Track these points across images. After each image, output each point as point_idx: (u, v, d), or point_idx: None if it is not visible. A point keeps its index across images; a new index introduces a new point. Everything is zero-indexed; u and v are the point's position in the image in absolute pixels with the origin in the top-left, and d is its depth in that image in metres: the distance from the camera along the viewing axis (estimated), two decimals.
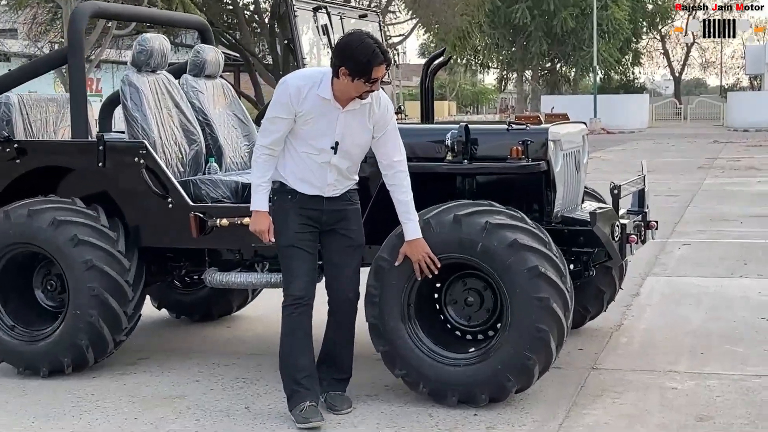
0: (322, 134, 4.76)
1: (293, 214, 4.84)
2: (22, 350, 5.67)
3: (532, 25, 47.83)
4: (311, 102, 4.71)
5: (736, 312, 7.03)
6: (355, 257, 4.98)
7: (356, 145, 4.85)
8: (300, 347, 4.88)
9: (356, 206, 5.01)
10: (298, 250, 4.84)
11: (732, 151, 27.96)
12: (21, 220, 5.59)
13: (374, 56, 4.58)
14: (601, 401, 5.06)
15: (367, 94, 4.70)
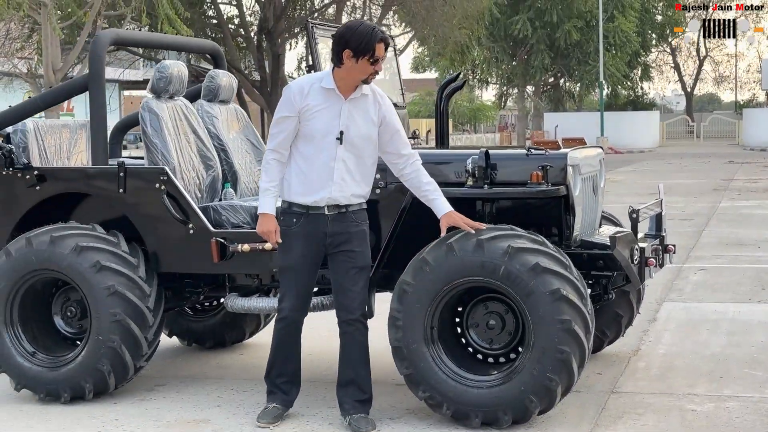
0: (327, 125, 5.34)
1: (297, 238, 5.42)
2: (43, 376, 6.15)
3: (534, 38, 48.31)
4: (315, 95, 5.33)
5: (755, 337, 7.55)
6: (360, 278, 5.50)
7: (361, 136, 5.40)
8: (285, 358, 5.59)
9: (361, 228, 5.51)
10: (296, 273, 5.45)
11: (748, 171, 28.61)
12: (43, 247, 6.08)
13: (375, 33, 5.27)
14: (622, 423, 5.57)
15: (372, 77, 5.31)
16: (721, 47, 74.22)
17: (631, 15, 49.29)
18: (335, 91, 5.34)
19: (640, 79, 58.40)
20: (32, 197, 6.39)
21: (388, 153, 5.55)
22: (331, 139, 5.34)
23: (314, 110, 5.33)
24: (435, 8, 26.75)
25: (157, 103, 6.44)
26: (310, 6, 31.07)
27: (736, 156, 39.26)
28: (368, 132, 5.43)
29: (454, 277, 5.44)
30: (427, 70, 57.69)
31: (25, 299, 6.25)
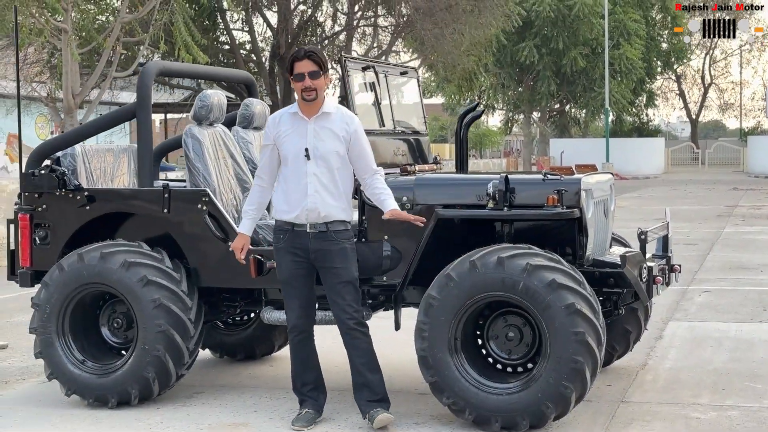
0: (296, 146, 5.93)
1: (285, 253, 6.04)
2: (91, 383, 6.62)
3: (540, 65, 48.83)
4: (285, 122, 6.02)
5: (756, 353, 8.01)
6: (347, 291, 6.01)
7: (328, 151, 5.94)
8: (304, 366, 6.15)
9: (342, 246, 6.03)
10: (291, 287, 6.07)
11: (753, 198, 29.09)
12: (94, 262, 6.58)
13: (292, 55, 5.95)
14: (632, 429, 6.03)
15: (307, 93, 5.87)
16: (725, 75, 74.91)
17: (636, 43, 49.79)
18: (299, 114, 5.96)
19: (645, 106, 58.96)
20: (82, 216, 6.89)
21: (355, 169, 6.09)
22: (301, 157, 5.94)
23: (284, 135, 5.99)
24: (444, 36, 27.28)
25: (198, 129, 6.95)
26: (321, 33, 31.63)
27: (741, 183, 39.76)
28: (335, 147, 5.97)
29: (477, 291, 5.93)
30: (434, 95, 58.16)
31: (75, 311, 6.74)
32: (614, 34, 48.66)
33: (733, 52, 73.12)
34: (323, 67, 5.90)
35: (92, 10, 23.02)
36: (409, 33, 28.27)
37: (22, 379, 7.66)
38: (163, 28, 21.45)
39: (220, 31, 30.23)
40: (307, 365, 6.17)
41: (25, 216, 6.96)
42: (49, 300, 6.68)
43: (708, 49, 70.50)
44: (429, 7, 26.36)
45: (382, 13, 31.27)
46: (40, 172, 6.95)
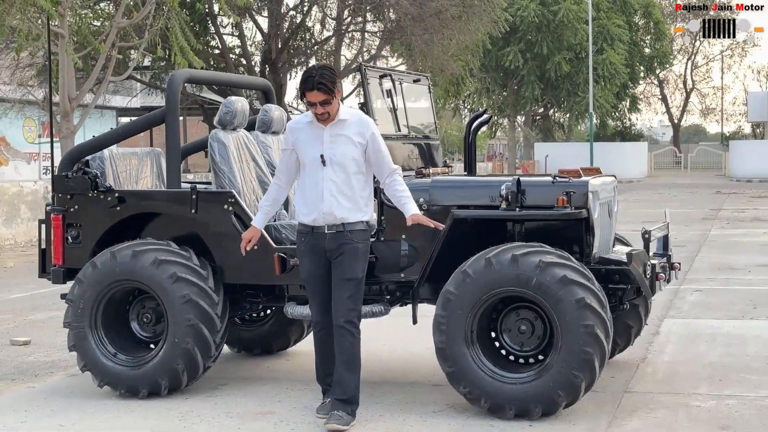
0: (312, 151, 6.22)
1: (306, 254, 6.37)
2: (124, 374, 6.98)
3: (525, 69, 49.28)
4: (304, 129, 6.31)
5: (749, 348, 8.43)
6: (346, 288, 6.26)
7: (344, 156, 6.21)
8: (326, 359, 6.46)
9: (355, 245, 6.29)
10: (311, 284, 6.41)
11: (736, 202, 29.62)
12: (126, 260, 6.93)
13: (303, 83, 6.18)
14: (637, 415, 6.43)
15: (321, 117, 6.18)
16: (707, 80, 75.71)
17: (619, 48, 50.33)
18: (315, 122, 6.25)
19: (629, 111, 59.55)
20: (113, 216, 7.25)
21: (374, 171, 6.39)
22: (317, 163, 6.24)
23: (302, 141, 6.30)
24: (434, 41, 27.67)
25: (223, 134, 7.32)
26: (310, 38, 31.99)
27: (723, 187, 40.34)
28: (350, 153, 6.23)
29: (492, 287, 6.32)
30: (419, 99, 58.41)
31: (107, 306, 7.09)
32: (598, 39, 49.17)
33: (715, 58, 73.95)
34: (333, 91, 6.12)
35: (88, 16, 23.29)
36: (400, 38, 28.60)
37: (50, 372, 8.00)
38: (159, 34, 21.79)
39: (211, 36, 30.55)
40: (327, 358, 6.47)
41: (57, 216, 7.32)
42: (83, 296, 7.03)
43: (690, 54, 71.24)
44: (419, 13, 26.73)
45: (370, 19, 31.64)
46: (73, 175, 7.29)
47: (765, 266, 13.92)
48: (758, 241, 17.53)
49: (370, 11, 30.42)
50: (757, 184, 43.37)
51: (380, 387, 7.22)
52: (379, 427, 6.27)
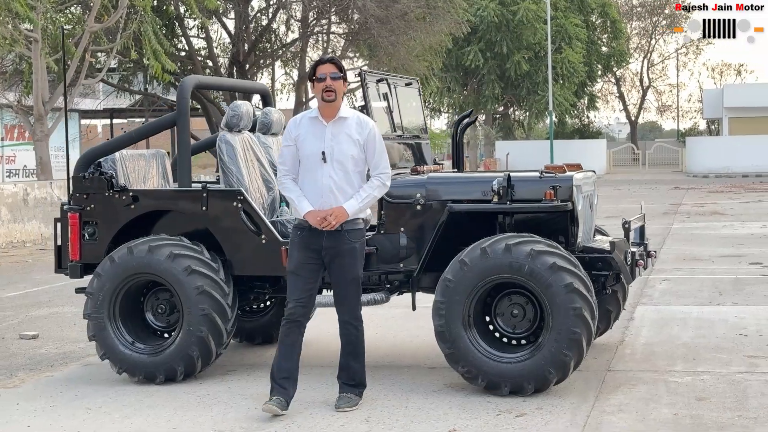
0: (314, 147, 6.48)
1: (299, 247, 6.62)
2: (141, 361, 7.46)
3: (485, 68, 49.95)
4: (305, 125, 6.60)
5: (718, 331, 9.05)
6: (350, 288, 6.67)
7: (344, 154, 6.48)
8: (285, 354, 6.60)
9: (353, 245, 6.59)
10: (297, 277, 6.61)
11: (694, 197, 30.43)
12: (142, 254, 7.42)
13: (318, 60, 6.61)
14: (620, 390, 7.01)
15: (327, 93, 6.43)
16: (663, 78, 76.96)
17: (577, 47, 51.18)
18: (318, 118, 6.58)
19: (587, 109, 60.46)
20: (128, 214, 7.73)
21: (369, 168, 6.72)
22: (318, 159, 6.52)
23: (304, 137, 6.58)
24: (400, 43, 28.25)
25: (230, 135, 7.83)
26: (275, 40, 32.46)
27: (681, 182, 41.24)
28: (350, 150, 6.51)
29: (487, 274, 6.87)
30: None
31: (125, 299, 7.57)
32: (556, 38, 49.99)
33: (670, 56, 75.18)
34: (343, 72, 6.57)
35: (60, 19, 23.62)
36: (366, 40, 29.15)
37: (64, 363, 8.46)
38: (132, 37, 22.19)
39: (177, 38, 30.93)
40: (289, 353, 6.60)
41: (74, 215, 7.79)
42: (102, 288, 7.51)
43: (646, 53, 72.39)
44: (385, 15, 27.30)
45: (335, 21, 32.16)
46: (90, 175, 7.77)
47: (727, 257, 14.60)
48: (719, 234, 18.25)
49: (335, 13, 30.95)
50: (714, 180, 44.36)
51: (380, 371, 7.74)
52: (386, 404, 6.80)
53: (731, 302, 10.57)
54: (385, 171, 6.68)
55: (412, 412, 6.62)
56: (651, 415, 6.40)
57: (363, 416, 6.53)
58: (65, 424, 6.54)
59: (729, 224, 20.32)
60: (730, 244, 16.33)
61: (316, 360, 8.11)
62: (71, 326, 10.20)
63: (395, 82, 8.20)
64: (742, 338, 8.69)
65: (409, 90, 8.55)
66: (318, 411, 6.68)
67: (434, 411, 6.61)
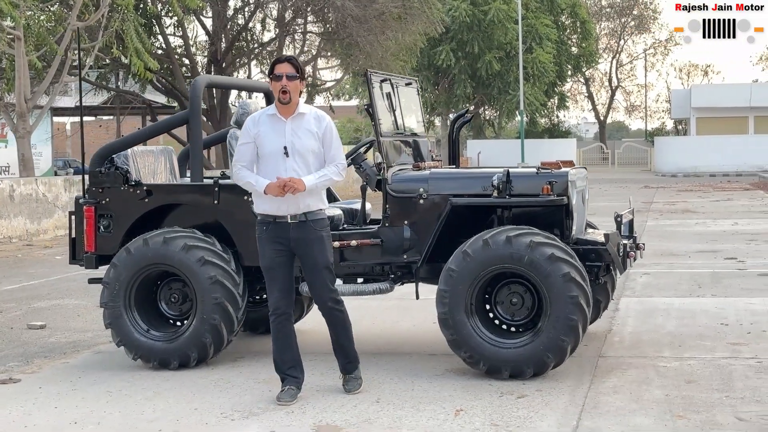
0: (275, 143, 6.67)
1: (267, 243, 6.89)
2: (156, 348, 7.81)
3: (457, 68, 50.48)
4: (264, 122, 6.81)
5: (700, 320, 9.52)
6: (323, 274, 6.92)
7: (305, 148, 6.69)
8: (282, 347, 6.93)
9: (320, 234, 6.83)
10: (272, 272, 6.84)
11: (665, 195, 31.04)
12: (158, 246, 7.78)
13: (275, 60, 6.86)
14: (614, 374, 7.44)
15: (283, 95, 6.64)
16: (632, 78, 77.84)
17: (548, 47, 51.83)
18: (277, 115, 6.83)
19: (557, 108, 61.11)
20: (142, 208, 8.09)
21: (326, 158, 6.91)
22: (280, 154, 6.70)
23: (264, 134, 6.82)
24: (378, 42, 28.66)
25: (240, 132, 8.18)
26: (252, 39, 32.78)
27: (650, 181, 41.94)
28: (310, 144, 6.73)
29: (489, 264, 7.28)
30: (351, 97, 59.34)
31: (140, 288, 7.93)
32: (527, 38, 50.63)
33: (639, 56, 76.02)
34: (300, 72, 6.81)
35: (41, 18, 23.84)
36: (345, 39, 29.52)
37: (76, 350, 8.80)
38: (114, 35, 22.46)
39: (155, 36, 31.20)
40: (286, 344, 6.92)
41: (90, 208, 8.14)
42: (118, 278, 7.86)
43: (615, 53, 73.18)
44: (363, 14, 27.69)
45: (312, 20, 32.53)
46: (106, 170, 8.12)
47: (703, 252, 15.13)
48: (692, 231, 18.79)
49: (312, 13, 31.31)
50: (682, 179, 45.15)
51: (382, 357, 8.15)
52: (393, 388, 7.20)
53: (710, 294, 11.05)
54: (342, 162, 6.90)
55: (418, 394, 7.01)
56: (644, 396, 6.83)
57: (373, 398, 6.92)
58: (91, 405, 6.89)
59: (701, 222, 20.89)
60: (704, 241, 16.87)
61: (321, 347, 8.48)
62: (75, 317, 10.53)
63: (397, 82, 8.59)
64: (723, 327, 9.15)
65: (409, 90, 8.94)
66: (330, 393, 7.06)
67: (440, 393, 7.01)
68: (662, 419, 6.27)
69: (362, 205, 8.44)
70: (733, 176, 46.82)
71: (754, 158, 49.48)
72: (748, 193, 31.83)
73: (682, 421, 6.23)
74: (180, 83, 30.31)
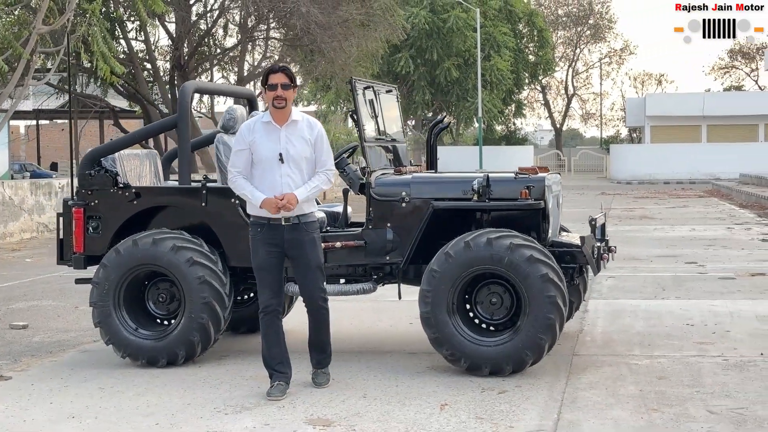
0: (270, 150, 6.98)
1: (261, 244, 7.18)
2: (144, 346, 8.02)
3: (416, 75, 50.80)
4: (258, 129, 7.13)
5: (666, 321, 9.87)
6: (315, 275, 7.27)
7: (299, 154, 7.02)
8: (272, 343, 7.20)
9: (312, 236, 7.18)
10: (265, 271, 7.17)
11: (622, 202, 31.56)
12: (147, 247, 7.99)
13: (269, 69, 7.19)
14: (588, 371, 7.75)
15: (278, 101, 6.95)
16: (587, 86, 78.69)
17: (506, 54, 52.34)
18: (272, 122, 7.14)
19: (514, 116, 61.67)
20: (130, 209, 8.29)
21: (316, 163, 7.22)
22: (275, 160, 7.03)
23: (259, 141, 7.11)
24: (342, 48, 28.92)
25: (227, 137, 8.43)
26: (214, 45, 32.92)
27: (607, 188, 42.57)
28: (303, 151, 7.06)
29: (470, 265, 7.57)
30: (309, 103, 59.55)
31: (128, 288, 8.13)
32: (485, 46, 51.10)
33: (594, 65, 76.89)
34: (293, 81, 7.11)
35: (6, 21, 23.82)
36: (308, 45, 29.74)
37: (62, 350, 8.97)
38: (80, 39, 22.51)
39: (117, 41, 31.24)
40: (275, 341, 7.20)
41: (79, 209, 8.33)
42: (108, 278, 8.06)
43: (571, 62, 73.98)
44: (327, 21, 27.94)
45: (274, 26, 32.71)
46: (95, 173, 8.31)
47: (663, 257, 15.54)
48: (652, 236, 19.23)
49: (274, 19, 31.50)
50: (637, 186, 45.84)
51: (364, 355, 8.41)
52: (377, 384, 7.45)
53: (674, 296, 11.42)
54: (332, 168, 7.26)
55: (403, 390, 7.28)
56: (619, 391, 7.15)
57: (359, 393, 7.18)
58: (85, 401, 7.08)
59: (660, 227, 21.35)
60: (664, 246, 17.29)
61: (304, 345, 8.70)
62: (56, 318, 10.69)
63: (378, 90, 8.86)
64: (689, 327, 9.50)
65: (389, 96, 9.21)
66: (317, 390, 7.31)
67: (423, 389, 7.28)
68: (638, 412, 6.58)
69: (344, 208, 8.70)
70: (686, 183, 47.61)
71: (707, 166, 50.35)
72: (703, 200, 32.44)
73: (657, 413, 6.54)
74: (143, 88, 30.40)
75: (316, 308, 7.34)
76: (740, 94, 66.07)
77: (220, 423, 6.49)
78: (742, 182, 40.48)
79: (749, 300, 11.10)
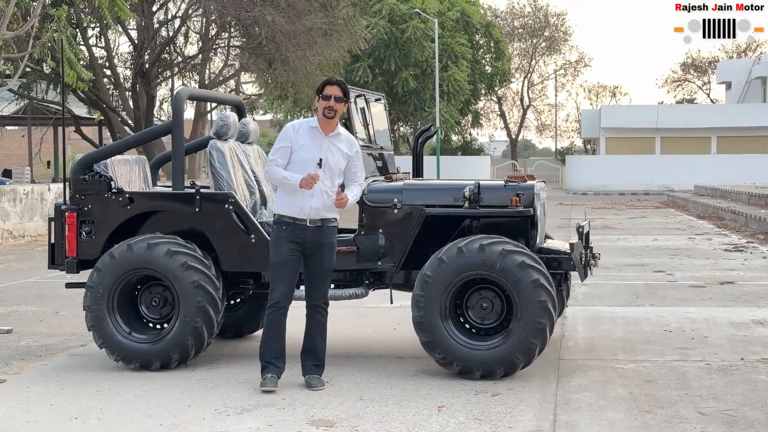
0: (311, 153, 7.34)
1: (284, 241, 7.45)
2: (138, 350, 8.09)
3: (374, 84, 50.89)
4: (304, 132, 7.46)
5: (644, 327, 10.10)
6: (325, 278, 7.57)
7: (335, 164, 7.40)
8: (274, 338, 7.46)
9: (332, 240, 7.57)
10: (282, 268, 7.45)
11: (580, 212, 31.82)
12: (141, 251, 8.07)
13: (326, 81, 7.53)
14: (577, 375, 7.95)
15: (329, 111, 7.33)
16: (542, 97, 79.36)
17: (463, 65, 52.71)
18: (318, 129, 7.45)
19: (471, 126, 62.07)
20: (124, 214, 8.37)
21: (346, 179, 7.58)
22: (313, 164, 7.39)
23: (302, 142, 7.43)
24: (306, 57, 29.05)
25: (220, 143, 8.54)
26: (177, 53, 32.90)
27: (563, 199, 42.94)
28: (340, 163, 7.51)
29: (463, 270, 7.74)
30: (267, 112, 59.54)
31: (121, 292, 8.21)
32: (443, 56, 51.42)
33: (549, 76, 77.56)
34: (346, 96, 7.45)
35: None
36: (273, 54, 29.79)
37: (50, 354, 9.02)
38: (47, 45, 22.47)
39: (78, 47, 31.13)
40: (277, 337, 7.48)
41: (72, 214, 8.39)
42: (102, 282, 8.13)
43: (526, 73, 74.60)
44: (292, 30, 28.05)
45: (235, 35, 32.75)
46: (89, 178, 8.39)
47: (631, 266, 15.83)
48: (616, 246, 19.54)
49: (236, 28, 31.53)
50: (593, 197, 46.38)
51: (354, 360, 8.55)
52: (372, 387, 7.59)
53: (649, 303, 11.68)
54: (363, 182, 7.77)
55: (398, 392, 7.42)
56: (610, 393, 7.35)
57: (356, 396, 7.32)
58: (86, 403, 7.16)
59: (623, 237, 21.69)
60: (630, 255, 17.60)
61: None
62: (38, 323, 10.71)
63: (368, 99, 9.02)
64: (667, 333, 9.74)
65: (378, 105, 9.37)
66: (314, 393, 7.43)
67: (418, 392, 7.43)
68: (632, 414, 6.78)
69: None
70: (641, 194, 48.21)
71: (661, 178, 51.10)
72: (660, 211, 32.94)
73: (650, 415, 6.75)
74: (104, 94, 30.30)
75: (316, 311, 7.58)
76: (694, 106, 67.07)
77: (224, 424, 6.60)
78: (698, 193, 41.09)
79: (722, 307, 11.38)
